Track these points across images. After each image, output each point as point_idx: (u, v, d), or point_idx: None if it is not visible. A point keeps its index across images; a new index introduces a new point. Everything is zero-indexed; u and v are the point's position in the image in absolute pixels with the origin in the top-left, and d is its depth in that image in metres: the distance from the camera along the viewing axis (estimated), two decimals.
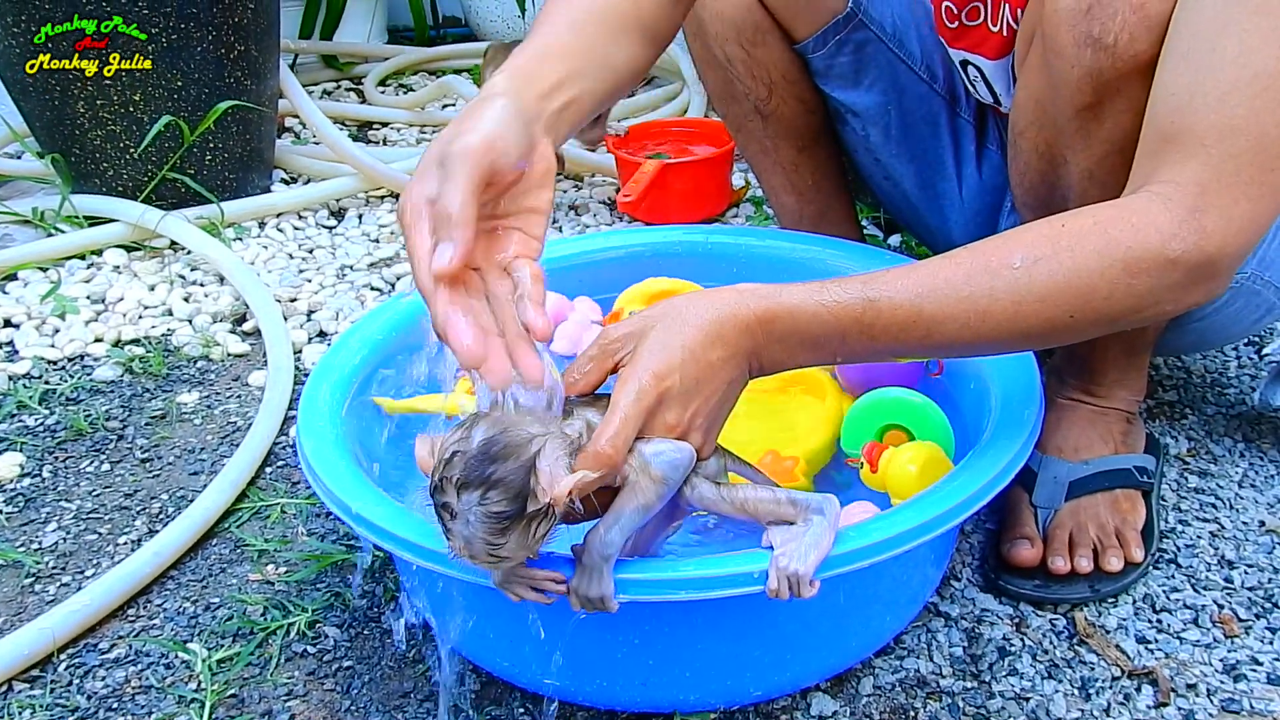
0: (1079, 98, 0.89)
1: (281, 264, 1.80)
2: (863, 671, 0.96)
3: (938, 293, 0.80)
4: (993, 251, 0.81)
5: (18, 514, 1.22)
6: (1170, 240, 0.78)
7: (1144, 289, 0.79)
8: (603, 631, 0.84)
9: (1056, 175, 0.98)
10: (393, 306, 1.19)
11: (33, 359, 1.52)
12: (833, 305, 0.80)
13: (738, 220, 1.93)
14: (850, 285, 0.81)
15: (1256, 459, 1.24)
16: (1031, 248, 0.80)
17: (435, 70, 2.82)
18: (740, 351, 0.81)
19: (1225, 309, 1.10)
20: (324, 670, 0.99)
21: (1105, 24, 0.84)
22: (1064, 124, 0.93)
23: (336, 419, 1.00)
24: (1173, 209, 0.78)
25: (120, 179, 1.88)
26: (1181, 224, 0.78)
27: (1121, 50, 0.85)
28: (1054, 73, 0.91)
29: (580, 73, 0.88)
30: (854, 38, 1.26)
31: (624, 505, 0.77)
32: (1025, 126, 1.00)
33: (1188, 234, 0.78)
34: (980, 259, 0.81)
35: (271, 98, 2.03)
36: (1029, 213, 1.07)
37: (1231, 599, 1.04)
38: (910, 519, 0.83)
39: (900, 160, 1.34)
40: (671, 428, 0.79)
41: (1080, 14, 0.86)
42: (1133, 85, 0.86)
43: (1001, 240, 0.83)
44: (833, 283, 0.82)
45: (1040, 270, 0.79)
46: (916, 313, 0.80)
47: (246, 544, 1.15)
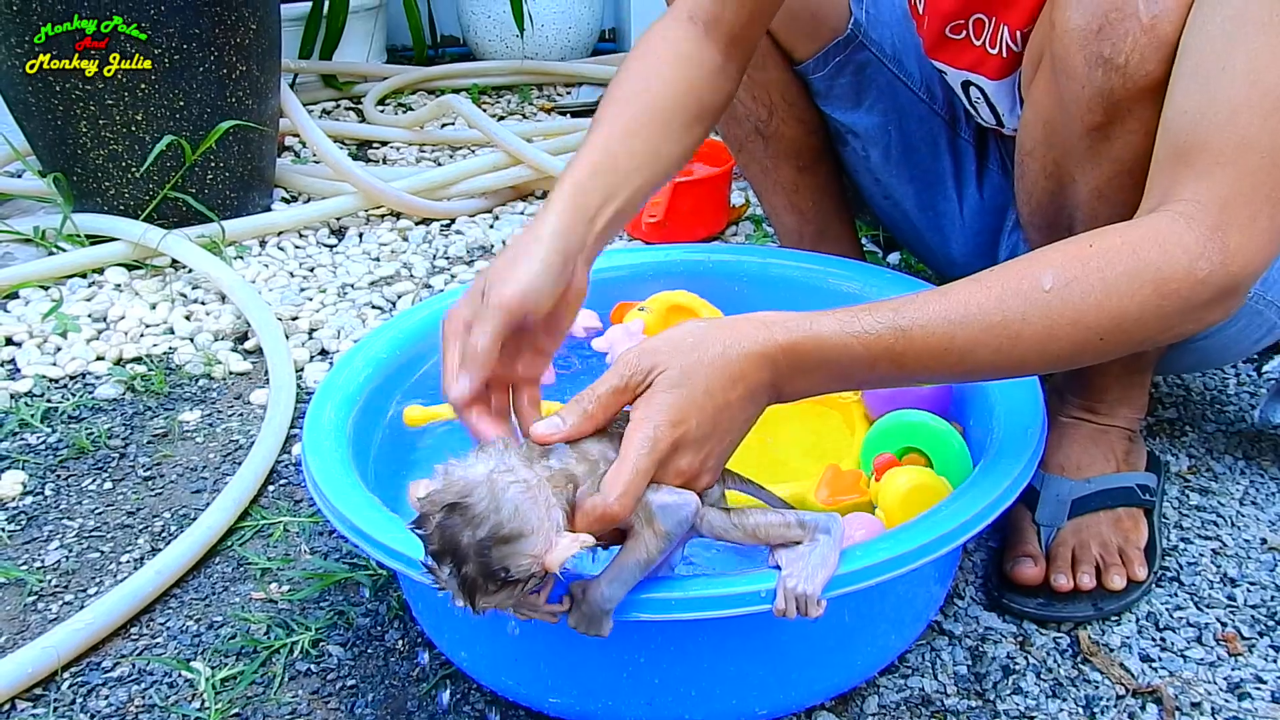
0: (1089, 118, 0.90)
1: (282, 282, 1.81)
2: (867, 690, 0.96)
3: (970, 319, 0.78)
4: (1023, 274, 0.80)
5: (20, 532, 1.22)
6: (1198, 260, 0.77)
7: (1173, 310, 0.78)
8: (608, 651, 0.84)
9: (1064, 195, 0.99)
10: (396, 324, 1.19)
11: (34, 377, 1.52)
12: (864, 336, 0.79)
13: (737, 239, 1.94)
14: (881, 314, 0.79)
15: (1257, 476, 1.25)
16: (1063, 269, 0.79)
17: (434, 89, 2.84)
18: (762, 387, 0.79)
19: (1228, 329, 1.11)
20: (328, 689, 0.99)
21: (1116, 44, 0.85)
22: (1073, 144, 0.93)
23: (341, 437, 1.00)
24: (1195, 228, 0.78)
25: (122, 198, 1.89)
26: (1207, 243, 0.77)
27: (1133, 70, 0.85)
28: (1064, 93, 0.91)
29: (629, 179, 0.96)
30: (854, 59, 1.27)
31: (626, 559, 0.76)
32: (1033, 146, 1.00)
33: (1213, 253, 0.77)
34: (1011, 283, 0.79)
35: (272, 117, 2.03)
36: (1034, 232, 1.07)
37: (1235, 617, 1.04)
38: (915, 538, 0.83)
39: (900, 181, 1.35)
40: (683, 473, 0.77)
41: (1091, 34, 0.86)
42: (1143, 105, 0.86)
43: (1029, 262, 0.81)
44: (863, 311, 0.80)
45: (1073, 292, 0.78)
46: (949, 340, 0.79)
47: (249, 562, 1.15)
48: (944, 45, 1.15)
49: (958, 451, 1.03)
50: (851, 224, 1.47)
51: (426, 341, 1.21)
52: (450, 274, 1.83)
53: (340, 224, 2.04)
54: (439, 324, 0.88)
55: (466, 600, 0.71)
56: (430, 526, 0.70)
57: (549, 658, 0.88)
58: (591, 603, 0.76)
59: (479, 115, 2.20)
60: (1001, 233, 1.30)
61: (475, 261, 1.89)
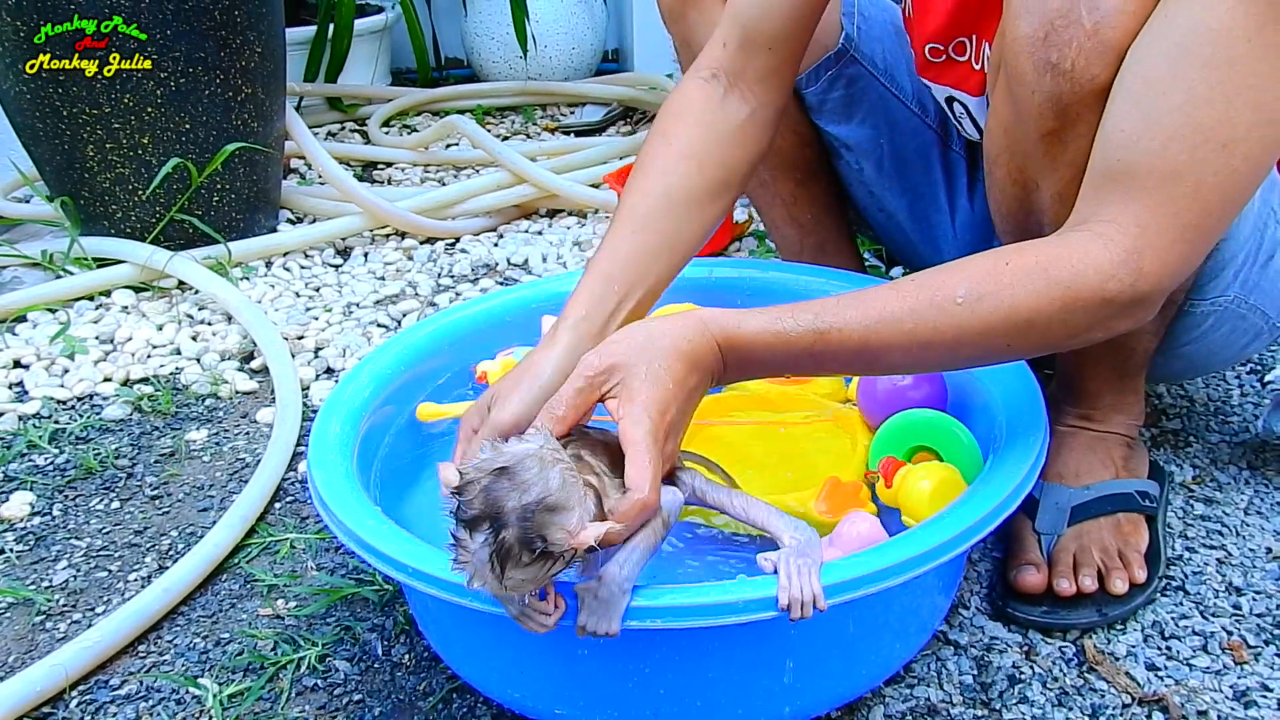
0: (1042, 123, 0.91)
1: (288, 302, 1.82)
2: (873, 700, 0.96)
3: (884, 325, 0.84)
4: (938, 285, 0.85)
5: (28, 552, 1.22)
6: (1108, 281, 0.82)
7: (1079, 322, 0.84)
8: (614, 661, 0.85)
9: (1030, 201, 0.99)
10: (401, 341, 1.20)
11: (42, 399, 1.53)
12: (785, 336, 0.86)
13: (740, 255, 1.95)
14: (804, 316, 0.86)
15: (1261, 486, 1.25)
16: (976, 284, 0.84)
17: (438, 110, 2.86)
18: (710, 374, 0.87)
19: (1212, 334, 1.11)
20: (335, 704, 0.99)
21: (1062, 50, 0.86)
22: (1031, 150, 0.94)
23: (347, 452, 1.01)
24: (1112, 250, 0.82)
25: (129, 221, 1.90)
26: (1120, 265, 0.81)
27: (1079, 75, 0.86)
28: (1018, 100, 0.92)
29: (650, 269, 1.01)
30: (846, 73, 1.28)
31: (637, 543, 0.80)
32: (998, 154, 1.01)
33: (1125, 275, 0.81)
34: (925, 293, 0.85)
35: (278, 139, 2.05)
36: (1009, 239, 1.07)
37: (1240, 626, 1.04)
38: (915, 546, 0.83)
39: (893, 193, 1.35)
40: (669, 455, 0.85)
41: (1038, 41, 0.87)
42: (1093, 110, 0.87)
43: (946, 273, 0.86)
44: (788, 312, 0.86)
45: (983, 307, 0.83)
46: (864, 345, 0.85)
47: (256, 579, 1.15)
48: (928, 64, 1.17)
49: (966, 444, 1.04)
50: (851, 237, 1.48)
51: (432, 357, 1.21)
52: (455, 292, 1.84)
53: (345, 244, 2.06)
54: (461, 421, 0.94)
55: (496, 570, 0.71)
56: (474, 491, 0.71)
57: (555, 669, 0.88)
58: (610, 585, 0.77)
59: (483, 135, 2.22)
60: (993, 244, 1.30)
61: (480, 279, 1.90)
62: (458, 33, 3.23)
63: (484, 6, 3.08)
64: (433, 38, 3.15)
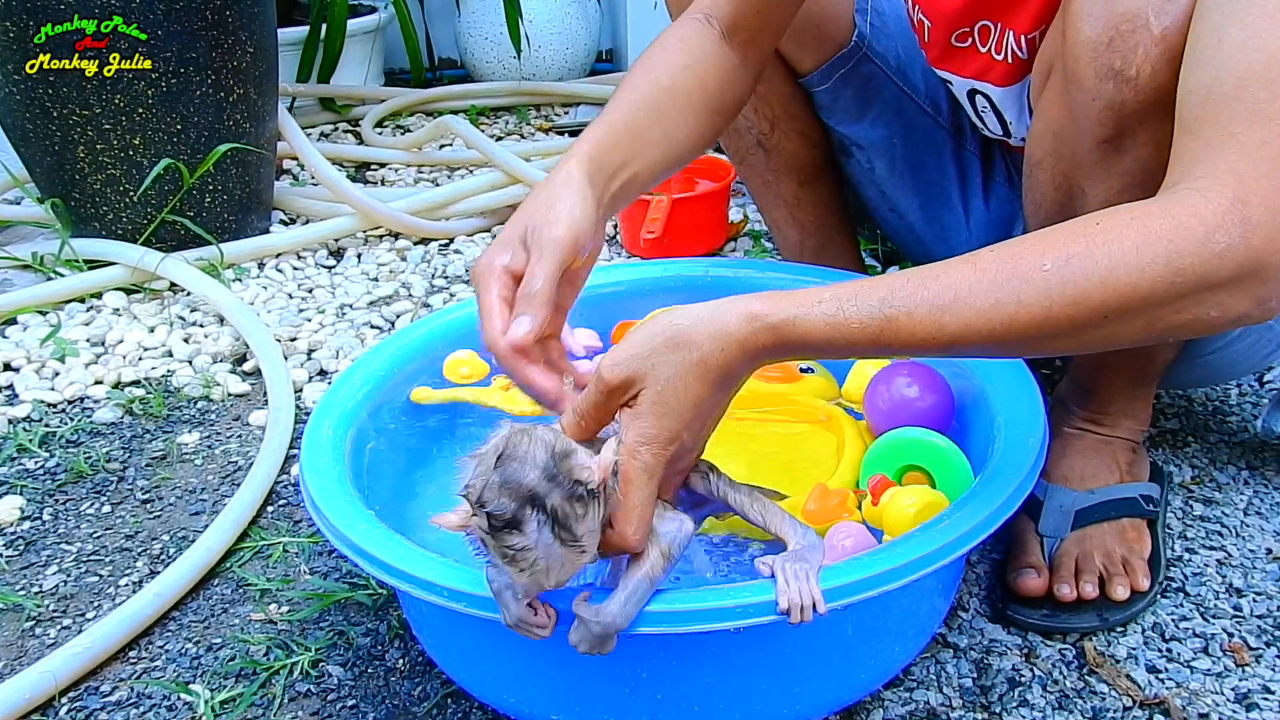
0: (1099, 131, 0.88)
1: (281, 304, 1.80)
2: (872, 704, 0.95)
3: (960, 304, 0.74)
4: (1021, 253, 0.74)
5: (18, 557, 1.21)
6: (1215, 232, 0.70)
7: (1187, 289, 0.71)
8: (611, 667, 0.84)
9: (1074, 207, 0.97)
10: (395, 341, 1.19)
11: (33, 402, 1.52)
12: (848, 327, 0.75)
13: (735, 254, 1.94)
14: (869, 301, 0.75)
15: (1260, 486, 1.24)
16: (1064, 245, 0.73)
17: (432, 111, 2.84)
18: (741, 374, 0.79)
19: (1238, 343, 1.10)
20: (328, 710, 0.98)
21: (1127, 56, 0.83)
22: (1083, 156, 0.92)
23: (339, 454, 1.00)
24: (1213, 200, 0.71)
25: (120, 222, 1.89)
26: (1225, 214, 0.70)
27: (1144, 83, 0.84)
28: (1074, 105, 0.90)
29: (642, 152, 0.97)
30: (859, 71, 1.27)
31: (635, 576, 0.78)
32: (1042, 158, 0.99)
33: (1232, 225, 0.70)
34: (1007, 262, 0.74)
35: (270, 140, 2.04)
36: None
37: (1241, 627, 1.04)
38: (916, 549, 0.82)
39: (905, 193, 1.34)
40: (681, 472, 0.83)
41: (1102, 46, 0.85)
42: (1154, 118, 0.84)
43: (1030, 240, 0.76)
44: (851, 296, 0.76)
45: (1074, 269, 0.72)
46: (937, 329, 0.74)
47: (248, 583, 1.14)
48: (950, 54, 1.15)
49: (960, 469, 1.02)
50: (853, 238, 1.47)
51: (426, 358, 1.20)
52: (449, 293, 1.83)
53: (339, 245, 2.04)
54: (470, 275, 0.87)
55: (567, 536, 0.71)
56: (493, 494, 0.70)
57: (551, 675, 0.87)
58: (605, 624, 0.76)
59: (476, 135, 2.21)
60: None
61: None
62: (451, 33, 3.21)
63: (477, 6, 3.07)
64: (426, 38, 3.13)
